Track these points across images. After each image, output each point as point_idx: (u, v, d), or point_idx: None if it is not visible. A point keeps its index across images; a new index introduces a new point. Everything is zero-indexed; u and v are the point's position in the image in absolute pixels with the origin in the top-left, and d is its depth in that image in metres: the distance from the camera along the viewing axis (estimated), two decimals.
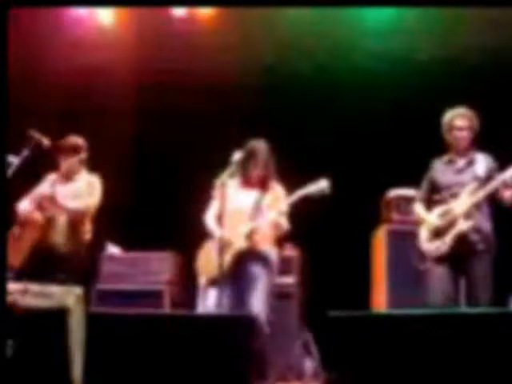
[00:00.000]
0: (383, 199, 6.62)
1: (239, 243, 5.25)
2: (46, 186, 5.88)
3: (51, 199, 5.67)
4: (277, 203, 5.33)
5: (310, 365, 6.30)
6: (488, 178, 5.20)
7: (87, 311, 4.34)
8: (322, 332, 5.86)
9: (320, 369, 6.14)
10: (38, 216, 5.67)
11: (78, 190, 5.79)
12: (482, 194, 5.14)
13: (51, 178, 5.95)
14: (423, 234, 5.32)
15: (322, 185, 5.25)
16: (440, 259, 5.20)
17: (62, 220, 5.74)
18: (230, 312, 5.13)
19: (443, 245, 5.19)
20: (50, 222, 5.71)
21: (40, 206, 5.68)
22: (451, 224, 5.18)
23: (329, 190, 5.25)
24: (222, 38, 7.30)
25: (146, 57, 7.45)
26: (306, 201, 5.28)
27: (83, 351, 4.12)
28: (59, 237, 5.73)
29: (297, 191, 5.29)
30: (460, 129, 5.32)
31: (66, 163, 5.87)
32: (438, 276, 5.20)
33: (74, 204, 5.74)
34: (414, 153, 6.02)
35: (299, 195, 5.27)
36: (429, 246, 5.27)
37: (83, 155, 5.91)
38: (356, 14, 7.21)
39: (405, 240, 6.01)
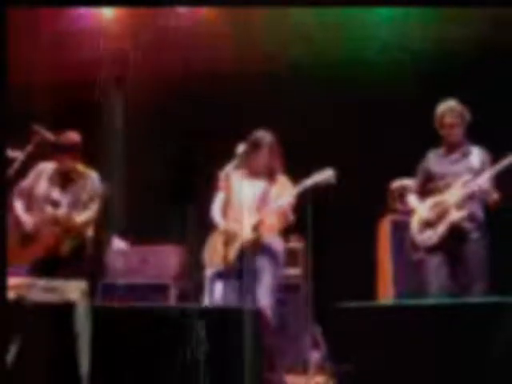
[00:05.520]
0: (388, 189, 6.60)
1: (245, 235, 5.24)
2: (43, 186, 5.80)
3: (68, 219, 5.66)
4: (283, 194, 5.31)
5: (317, 357, 6.29)
6: (482, 169, 5.23)
7: (92, 305, 4.35)
8: (329, 324, 5.85)
9: (327, 361, 6.14)
10: (50, 233, 5.67)
11: (83, 199, 5.74)
12: (474, 185, 5.16)
13: (43, 172, 5.85)
14: (414, 224, 5.35)
15: (327, 174, 5.22)
16: (432, 249, 5.24)
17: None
18: (236, 305, 5.12)
19: (434, 234, 5.23)
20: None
21: (55, 222, 5.67)
22: (443, 215, 5.22)
23: (335, 179, 5.23)
24: (227, 29, 7.29)
25: (146, 47, 7.42)
26: (311, 191, 5.25)
27: (89, 344, 4.13)
28: (64, 238, 5.71)
29: (302, 181, 5.27)
30: (450, 126, 5.34)
31: (63, 161, 5.80)
32: (433, 266, 5.24)
33: (82, 217, 5.72)
34: (420, 143, 6.00)
35: (305, 185, 5.24)
36: (420, 236, 5.31)
37: (79, 151, 5.84)
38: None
39: (409, 230, 6.00)
